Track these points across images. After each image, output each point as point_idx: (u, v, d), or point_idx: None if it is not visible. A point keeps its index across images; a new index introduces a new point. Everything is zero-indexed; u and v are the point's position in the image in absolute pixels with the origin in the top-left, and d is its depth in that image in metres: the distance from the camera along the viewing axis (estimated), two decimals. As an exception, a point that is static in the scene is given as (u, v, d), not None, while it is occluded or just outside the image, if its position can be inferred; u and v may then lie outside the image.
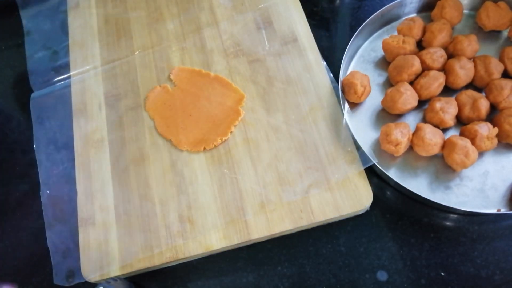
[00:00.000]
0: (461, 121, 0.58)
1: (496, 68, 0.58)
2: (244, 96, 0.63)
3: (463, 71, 0.58)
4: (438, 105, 0.56)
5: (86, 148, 0.62)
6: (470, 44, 0.60)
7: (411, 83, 0.59)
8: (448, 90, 0.59)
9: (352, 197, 0.54)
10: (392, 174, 0.56)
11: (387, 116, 0.60)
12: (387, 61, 0.63)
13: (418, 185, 0.55)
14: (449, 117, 0.56)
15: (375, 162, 0.54)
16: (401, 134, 0.54)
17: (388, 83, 0.62)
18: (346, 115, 0.59)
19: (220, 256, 0.55)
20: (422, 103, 0.59)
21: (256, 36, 0.68)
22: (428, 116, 0.57)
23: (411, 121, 0.59)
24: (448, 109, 0.56)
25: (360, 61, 0.65)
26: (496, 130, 0.54)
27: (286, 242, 0.55)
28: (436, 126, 0.56)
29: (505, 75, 0.59)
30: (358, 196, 0.54)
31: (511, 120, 0.54)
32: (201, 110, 0.63)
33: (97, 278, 0.54)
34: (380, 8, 0.64)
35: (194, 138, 0.61)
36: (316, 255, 0.54)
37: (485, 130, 0.54)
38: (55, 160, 0.62)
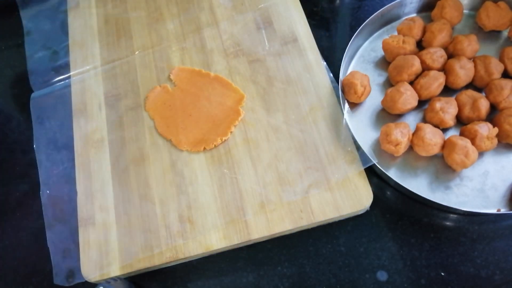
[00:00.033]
0: (461, 121, 0.58)
1: (496, 68, 0.58)
2: (244, 96, 0.63)
3: (463, 71, 0.58)
4: (438, 105, 0.56)
5: (86, 148, 0.62)
6: (470, 44, 0.60)
7: (411, 83, 0.59)
8: (448, 90, 0.59)
9: (352, 197, 0.54)
10: (392, 174, 0.56)
11: (387, 116, 0.60)
12: (387, 61, 0.63)
13: (418, 185, 0.55)
14: (449, 117, 0.56)
15: (375, 162, 0.54)
16: (401, 134, 0.54)
17: (388, 83, 0.62)
18: (346, 115, 0.59)
19: (220, 256, 0.55)
20: (422, 103, 0.59)
21: (256, 36, 0.68)
22: (428, 116, 0.57)
23: (411, 121, 0.59)
24: (448, 109, 0.56)
25: (360, 61, 0.65)
26: (496, 130, 0.54)
27: (286, 242, 0.55)
28: (436, 126, 0.56)
29: (505, 75, 0.59)
30: (358, 196, 0.54)
31: (511, 120, 0.54)
32: (201, 110, 0.63)
33: (97, 278, 0.54)
34: (380, 8, 0.64)
35: (194, 138, 0.61)
36: (316, 255, 0.54)
37: (485, 130, 0.54)
38: (55, 160, 0.62)
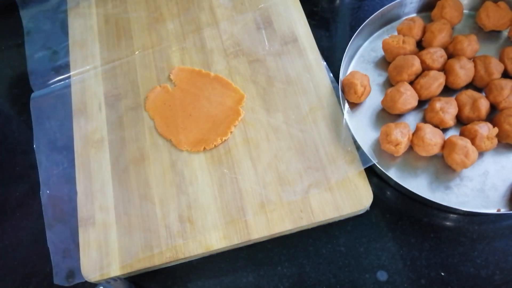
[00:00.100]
0: (461, 121, 0.58)
1: (496, 68, 0.58)
2: (244, 96, 0.63)
3: (463, 71, 0.58)
4: (438, 105, 0.56)
5: (86, 148, 0.62)
6: (470, 44, 0.60)
7: (411, 83, 0.59)
8: (448, 90, 0.59)
9: (352, 197, 0.54)
10: (392, 174, 0.56)
11: (387, 116, 0.60)
12: (387, 61, 0.63)
13: (418, 185, 0.55)
14: (449, 117, 0.56)
15: (375, 162, 0.54)
16: (401, 134, 0.54)
17: (388, 83, 0.62)
18: (346, 115, 0.59)
19: (220, 256, 0.55)
20: (422, 103, 0.59)
21: (256, 36, 0.68)
22: (428, 116, 0.57)
23: (411, 121, 0.59)
24: (448, 109, 0.56)
25: (360, 61, 0.65)
26: (496, 130, 0.54)
27: (286, 242, 0.55)
28: (436, 126, 0.56)
29: (505, 75, 0.59)
30: (358, 196, 0.54)
31: (511, 120, 0.54)
32: (201, 110, 0.63)
33: (97, 278, 0.54)
34: (380, 8, 0.64)
35: (194, 138, 0.61)
36: (316, 255, 0.54)
37: (485, 130, 0.54)
38: (55, 160, 0.62)
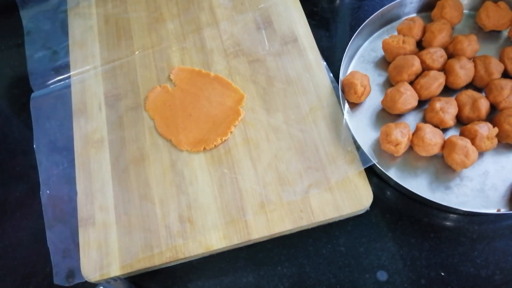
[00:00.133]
0: (461, 121, 0.58)
1: (496, 68, 0.58)
2: (244, 96, 0.63)
3: (463, 71, 0.58)
4: (438, 105, 0.56)
5: (86, 148, 0.62)
6: (470, 44, 0.60)
7: (411, 83, 0.59)
8: (448, 90, 0.59)
9: (352, 197, 0.54)
10: (392, 174, 0.56)
11: (387, 116, 0.60)
12: (387, 61, 0.63)
13: (418, 185, 0.55)
14: (449, 117, 0.56)
15: (375, 162, 0.54)
16: (401, 134, 0.54)
17: (388, 83, 0.62)
18: (346, 115, 0.59)
19: (220, 256, 0.55)
20: (422, 103, 0.59)
21: (256, 36, 0.68)
22: (428, 116, 0.57)
23: (411, 121, 0.59)
24: (448, 109, 0.56)
25: (360, 61, 0.65)
26: (496, 130, 0.54)
27: (286, 242, 0.55)
28: (436, 126, 0.56)
29: (505, 75, 0.59)
30: (358, 196, 0.54)
31: (511, 120, 0.54)
32: (201, 110, 0.63)
33: (97, 278, 0.54)
34: (380, 8, 0.64)
35: (194, 138, 0.61)
36: (316, 255, 0.54)
37: (485, 130, 0.54)
38: (55, 160, 0.62)
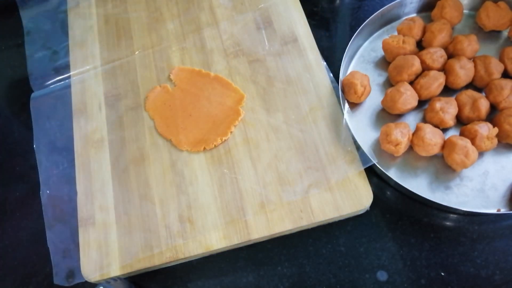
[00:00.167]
0: (461, 121, 0.58)
1: (496, 68, 0.58)
2: (244, 96, 0.63)
3: (463, 71, 0.58)
4: (438, 105, 0.56)
5: (86, 148, 0.62)
6: (470, 44, 0.60)
7: (411, 83, 0.59)
8: (448, 90, 0.59)
9: (352, 197, 0.54)
10: (392, 174, 0.56)
11: (387, 116, 0.60)
12: (387, 61, 0.63)
13: (418, 185, 0.55)
14: (449, 117, 0.56)
15: (375, 162, 0.54)
16: (401, 134, 0.54)
17: (388, 83, 0.62)
18: (346, 115, 0.59)
19: (220, 256, 0.55)
20: (422, 103, 0.59)
21: (256, 36, 0.68)
22: (428, 116, 0.57)
23: (411, 121, 0.59)
24: (448, 109, 0.56)
25: (360, 61, 0.65)
26: (496, 130, 0.54)
27: (286, 242, 0.55)
28: (436, 126, 0.56)
29: (505, 75, 0.59)
30: (358, 196, 0.54)
31: (511, 120, 0.54)
32: (201, 110, 0.63)
33: (97, 278, 0.54)
34: (380, 8, 0.64)
35: (194, 138, 0.61)
36: (316, 255, 0.54)
37: (485, 130, 0.54)
38: (55, 160, 0.62)
